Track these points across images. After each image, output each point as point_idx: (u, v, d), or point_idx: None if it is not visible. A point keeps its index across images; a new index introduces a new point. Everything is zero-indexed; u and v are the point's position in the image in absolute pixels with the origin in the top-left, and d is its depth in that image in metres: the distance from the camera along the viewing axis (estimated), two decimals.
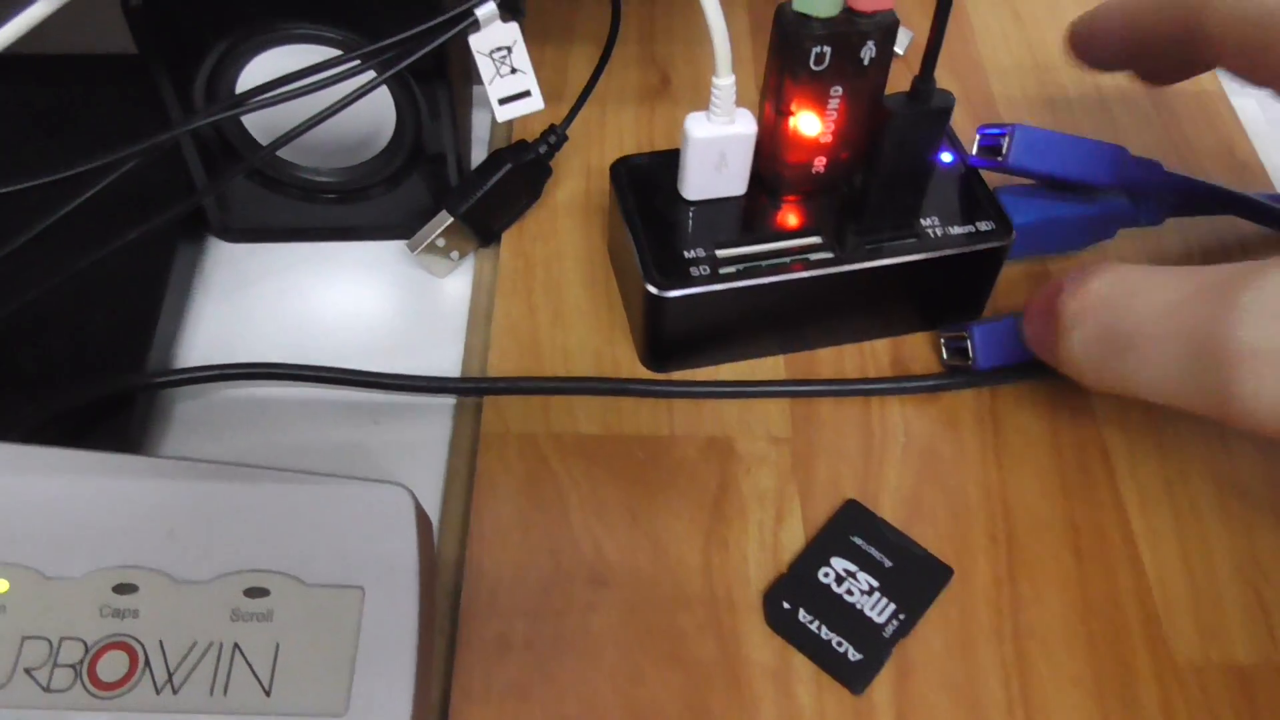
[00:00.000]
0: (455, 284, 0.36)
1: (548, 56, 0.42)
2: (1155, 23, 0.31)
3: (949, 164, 0.33)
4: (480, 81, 0.31)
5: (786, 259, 0.30)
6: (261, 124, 0.33)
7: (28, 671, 0.22)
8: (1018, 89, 0.42)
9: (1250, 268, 0.23)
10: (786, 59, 0.28)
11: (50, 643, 0.22)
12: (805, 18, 0.27)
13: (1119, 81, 0.42)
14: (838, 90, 0.29)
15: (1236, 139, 0.40)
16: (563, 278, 0.35)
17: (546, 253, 0.36)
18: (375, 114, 0.34)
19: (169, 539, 0.24)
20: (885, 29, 0.28)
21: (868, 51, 0.28)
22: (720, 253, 0.30)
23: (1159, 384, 0.24)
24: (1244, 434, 0.24)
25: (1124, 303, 0.25)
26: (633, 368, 0.33)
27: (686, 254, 0.30)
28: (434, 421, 0.32)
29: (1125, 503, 0.30)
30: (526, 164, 0.35)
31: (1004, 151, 0.32)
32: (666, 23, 0.44)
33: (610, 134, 0.40)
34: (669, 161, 0.32)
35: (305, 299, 0.36)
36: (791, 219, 0.31)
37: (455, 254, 0.36)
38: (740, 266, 0.30)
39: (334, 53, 0.31)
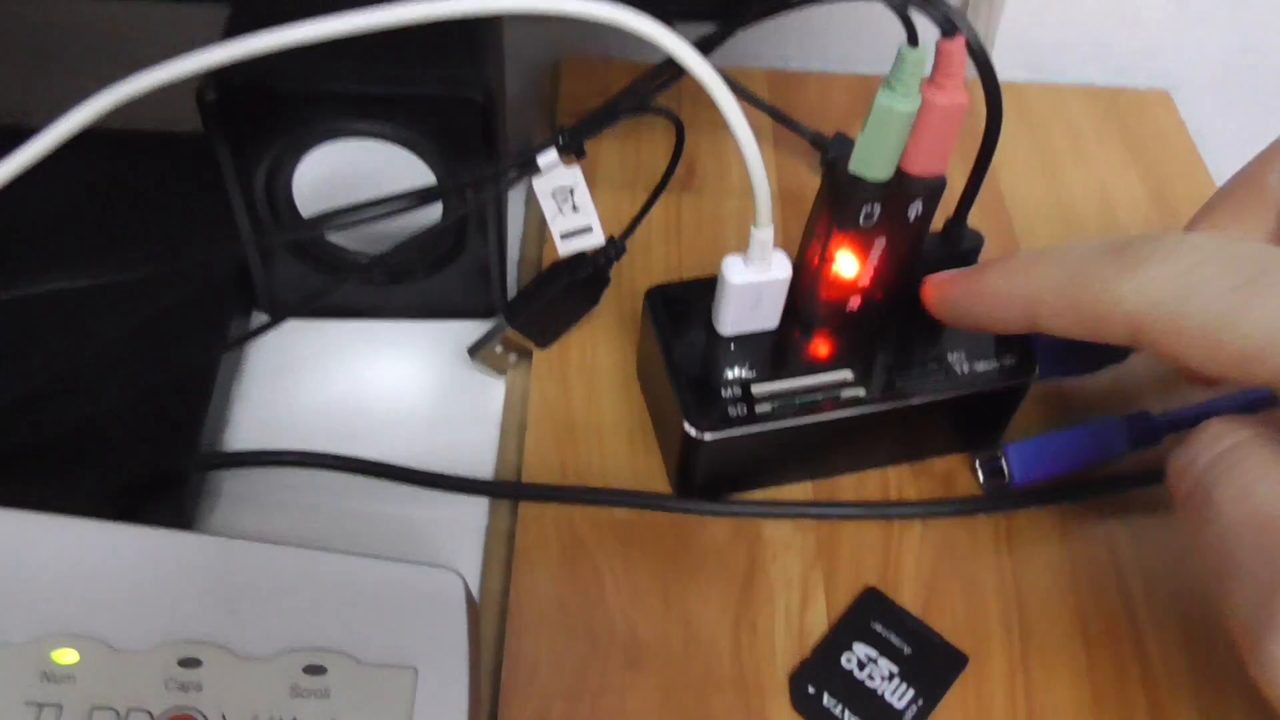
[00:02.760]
0: None
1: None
2: (1069, 329, 0.26)
3: None
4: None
5: (819, 396, 0.31)
6: (311, 203, 0.35)
7: None
8: (1042, 230, 0.44)
9: None
10: (836, 213, 0.29)
11: (118, 713, 0.24)
12: (859, 179, 0.28)
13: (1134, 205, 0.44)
14: (880, 241, 0.30)
15: None
16: (596, 360, 0.37)
17: (580, 336, 0.37)
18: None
19: (232, 615, 0.25)
20: (933, 190, 0.29)
21: (914, 209, 0.29)
22: (755, 389, 0.31)
23: (1206, 555, 0.22)
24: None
25: (1235, 477, 0.22)
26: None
27: (723, 392, 0.31)
28: (473, 499, 0.34)
29: (1132, 591, 0.32)
30: (585, 278, 0.35)
31: (1007, 476, 0.33)
32: (692, 114, 0.46)
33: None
34: (702, 291, 0.32)
35: (349, 377, 0.37)
36: (823, 352, 0.32)
37: (514, 357, 0.37)
38: (775, 404, 0.31)
39: (387, 146, 0.34)
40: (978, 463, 0.34)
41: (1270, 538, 0.21)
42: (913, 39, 0.26)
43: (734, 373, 0.31)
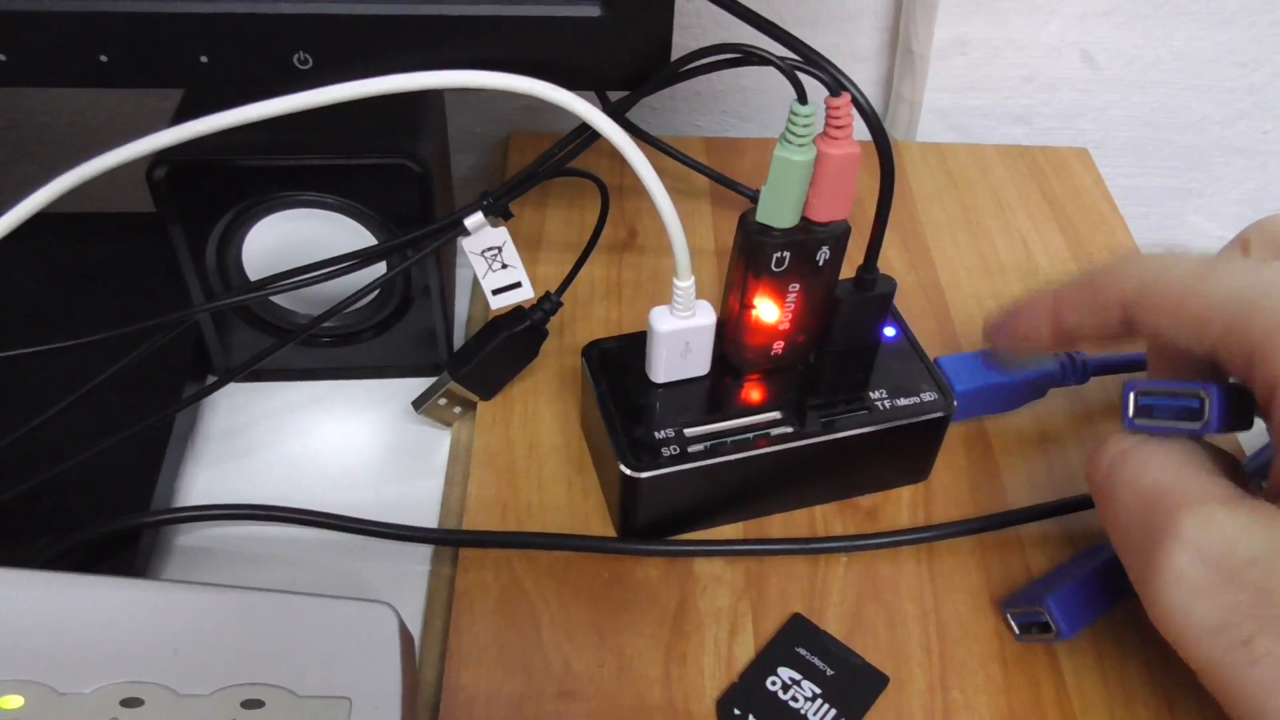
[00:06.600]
0: None
1: (525, 213, 0.47)
2: (1082, 322, 0.31)
3: (892, 339, 0.36)
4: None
5: (750, 435, 0.33)
6: (262, 272, 0.37)
7: None
8: (966, 280, 0.47)
9: (1201, 494, 0.25)
10: (750, 261, 0.31)
11: None
12: (767, 227, 0.30)
13: (1053, 256, 0.47)
14: (795, 286, 0.32)
15: None
16: (538, 411, 0.38)
17: (523, 389, 0.39)
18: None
19: (173, 656, 0.26)
20: (838, 236, 0.31)
21: (822, 255, 0.31)
22: (689, 431, 0.33)
23: (1113, 532, 0.28)
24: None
25: (1129, 466, 0.27)
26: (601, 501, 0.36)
27: (657, 435, 0.32)
28: (417, 546, 0.35)
29: None
30: (522, 331, 0.37)
31: (1054, 630, 0.31)
32: (634, 181, 0.49)
33: (582, 282, 0.43)
34: (637, 344, 0.34)
35: (300, 435, 0.39)
36: (753, 396, 0.34)
37: (458, 409, 0.39)
38: (707, 444, 0.32)
39: (333, 215, 0.36)
40: (1010, 616, 0.33)
41: (1150, 506, 0.26)
42: (801, 97, 0.28)
43: (668, 417, 0.33)
